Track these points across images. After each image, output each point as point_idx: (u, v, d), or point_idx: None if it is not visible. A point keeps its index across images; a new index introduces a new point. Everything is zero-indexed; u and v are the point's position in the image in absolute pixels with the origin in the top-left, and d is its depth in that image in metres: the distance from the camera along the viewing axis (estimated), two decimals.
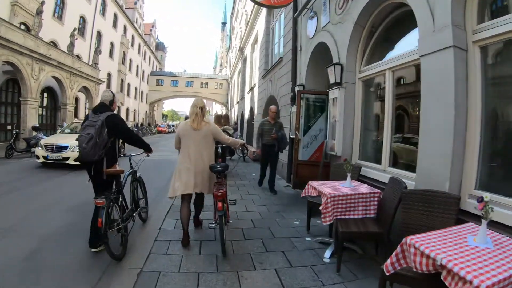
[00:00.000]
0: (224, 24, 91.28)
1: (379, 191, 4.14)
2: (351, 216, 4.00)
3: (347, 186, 4.22)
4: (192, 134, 4.29)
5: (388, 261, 2.38)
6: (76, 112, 29.39)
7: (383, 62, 5.07)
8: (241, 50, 25.88)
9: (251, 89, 18.64)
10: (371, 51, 5.70)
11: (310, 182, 4.51)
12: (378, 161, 5.21)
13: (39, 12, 19.59)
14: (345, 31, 5.79)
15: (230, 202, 4.99)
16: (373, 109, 5.93)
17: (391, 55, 5.06)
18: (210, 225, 4.35)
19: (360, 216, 4.02)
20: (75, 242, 4.35)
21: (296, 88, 8.28)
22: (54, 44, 23.41)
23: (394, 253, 2.37)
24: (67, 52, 22.96)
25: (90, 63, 27.82)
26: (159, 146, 21.36)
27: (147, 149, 4.81)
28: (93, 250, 4.07)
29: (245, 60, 24.83)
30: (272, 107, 8.16)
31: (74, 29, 24.28)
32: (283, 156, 9.69)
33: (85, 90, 26.37)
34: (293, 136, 8.23)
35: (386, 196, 3.91)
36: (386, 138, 4.90)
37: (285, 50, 10.32)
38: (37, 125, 18.10)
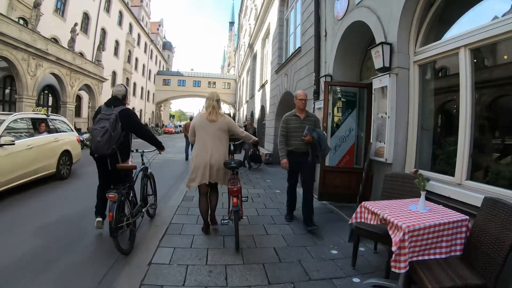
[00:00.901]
0: (231, 23, 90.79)
1: (467, 217, 2.82)
2: (432, 257, 2.68)
3: (421, 211, 2.88)
4: (208, 126, 4.31)
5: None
6: (79, 111, 28.50)
7: (454, 38, 3.71)
8: (251, 46, 24.64)
9: (262, 86, 17.32)
10: (429, 27, 4.36)
11: (365, 204, 3.17)
12: (446, 171, 3.87)
13: (37, 5, 18.58)
14: (395, 1, 4.46)
15: (243, 199, 4.84)
16: (435, 102, 4.57)
17: (463, 28, 3.71)
18: (222, 221, 4.42)
19: (443, 256, 2.70)
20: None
21: (322, 80, 6.95)
22: (55, 41, 22.43)
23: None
24: (67, 48, 21.89)
25: (92, 60, 26.67)
26: (165, 147, 19.71)
27: (159, 146, 4.96)
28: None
29: (254, 57, 23.59)
30: (300, 92, 5.34)
31: (75, 24, 23.22)
32: None
33: (87, 88, 25.23)
34: None
35: (480, 226, 2.63)
36: (463, 140, 3.54)
37: (303, 39, 9.02)
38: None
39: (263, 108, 17.33)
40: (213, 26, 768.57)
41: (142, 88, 50.34)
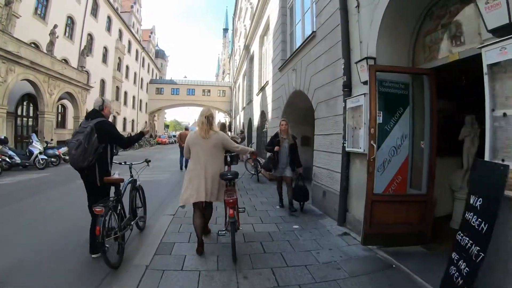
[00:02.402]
0: (225, 30, 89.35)
1: None
2: None
3: None
4: (201, 143, 4.34)
5: None
6: (64, 122, 26.32)
7: None
8: (247, 48, 22.65)
9: (262, 88, 15.18)
10: None
11: None
12: None
13: (8, 3, 16.48)
14: None
15: (240, 210, 4.95)
16: None
17: None
18: (219, 232, 4.49)
19: None
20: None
21: (360, 66, 4.79)
22: (35, 46, 20.33)
23: None
24: (45, 52, 19.76)
25: (76, 66, 24.53)
26: (153, 160, 16.85)
27: (139, 138, 4.90)
28: (93, 256, 4.12)
29: (251, 59, 21.58)
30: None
31: (55, 26, 21.10)
32: (326, 180, 6.31)
33: (70, 96, 23.01)
34: (356, 150, 4.93)
35: None
36: None
37: (319, 21, 6.98)
38: (3, 136, 14.75)
39: (263, 114, 15.19)
40: (207, 35, 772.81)
41: (134, 97, 48.17)
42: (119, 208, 4.24)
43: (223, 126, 9.39)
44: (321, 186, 6.66)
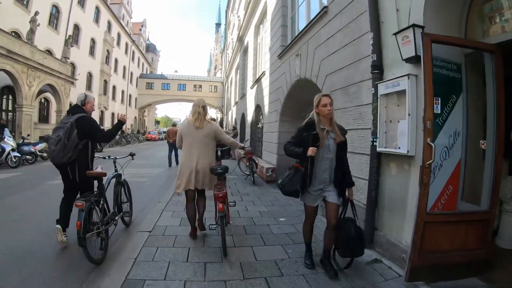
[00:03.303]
0: (218, 25, 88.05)
1: None
2: None
3: None
4: (194, 133, 4.35)
5: None
6: (47, 116, 24.92)
7: None
8: (240, 39, 21.44)
9: (258, 80, 13.92)
10: None
11: None
12: None
13: None
14: None
15: (230, 203, 5.05)
16: None
17: None
18: (210, 226, 4.47)
19: None
20: None
21: (406, 35, 3.50)
22: (17, 35, 18.90)
23: None
24: (24, 40, 18.33)
25: (60, 57, 23.07)
26: (140, 157, 15.20)
27: (121, 125, 4.69)
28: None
29: (245, 51, 20.40)
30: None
31: (36, 13, 19.60)
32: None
33: (52, 89, 21.55)
34: (392, 150, 3.78)
35: None
36: None
37: None
38: None
39: (258, 108, 13.97)
40: (199, 31, 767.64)
41: (123, 92, 46.52)
42: (101, 202, 4.11)
43: (212, 120, 8.66)
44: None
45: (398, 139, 3.81)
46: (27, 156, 13.37)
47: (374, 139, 4.23)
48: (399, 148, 3.79)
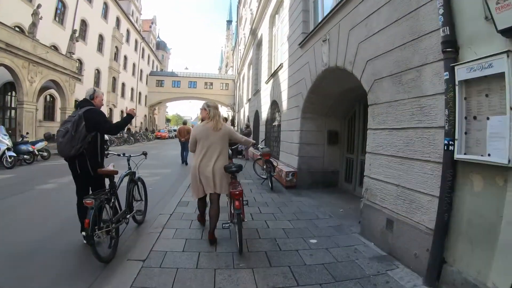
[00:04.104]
0: (229, 22, 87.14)
1: None
2: None
3: None
4: (211, 135, 4.30)
5: None
6: (53, 114, 24.16)
7: None
8: (254, 32, 20.30)
9: (274, 74, 12.67)
10: None
11: None
12: None
13: None
14: None
15: (244, 202, 4.59)
16: None
17: None
18: (224, 225, 4.33)
19: None
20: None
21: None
22: (20, 30, 18.06)
23: None
24: (26, 34, 17.45)
25: (64, 52, 22.20)
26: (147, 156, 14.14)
27: (130, 118, 4.57)
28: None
29: (259, 45, 19.30)
30: None
31: (39, 6, 18.68)
32: (396, 203, 4.02)
33: (56, 85, 20.64)
34: (479, 159, 2.60)
35: None
36: None
37: None
38: None
39: (275, 104, 12.75)
40: (210, 29, 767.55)
41: (132, 89, 45.80)
42: (112, 201, 4.05)
43: (224, 120, 8.83)
44: (382, 210, 4.30)
45: (488, 143, 2.66)
46: (25, 156, 12.41)
47: (450, 142, 3.06)
48: (489, 155, 2.64)
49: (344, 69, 5.60)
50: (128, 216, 4.51)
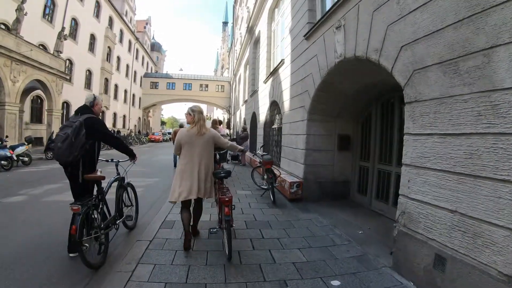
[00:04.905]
0: (225, 23, 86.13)
1: None
2: None
3: None
4: (195, 140, 4.29)
5: None
6: (40, 115, 23.01)
7: None
8: (250, 30, 19.31)
9: (274, 71, 11.56)
10: None
11: None
12: None
13: None
14: None
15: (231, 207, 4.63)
16: None
17: None
18: (211, 230, 4.32)
19: None
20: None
21: None
22: (6, 28, 16.97)
23: None
24: (9, 30, 16.36)
25: (52, 51, 21.10)
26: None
27: (130, 155, 4.72)
28: (71, 255, 3.95)
29: (256, 42, 18.36)
30: None
31: (23, 1, 17.58)
32: (451, 235, 2.95)
33: (42, 86, 19.49)
34: None
35: None
36: None
37: None
38: None
39: (274, 105, 11.68)
40: (206, 31, 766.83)
41: (125, 91, 44.62)
42: (100, 206, 3.97)
43: (214, 122, 9.88)
44: (428, 242, 3.22)
45: None
46: (2, 162, 11.31)
47: None
48: None
49: (367, 59, 4.55)
50: (118, 222, 4.48)
